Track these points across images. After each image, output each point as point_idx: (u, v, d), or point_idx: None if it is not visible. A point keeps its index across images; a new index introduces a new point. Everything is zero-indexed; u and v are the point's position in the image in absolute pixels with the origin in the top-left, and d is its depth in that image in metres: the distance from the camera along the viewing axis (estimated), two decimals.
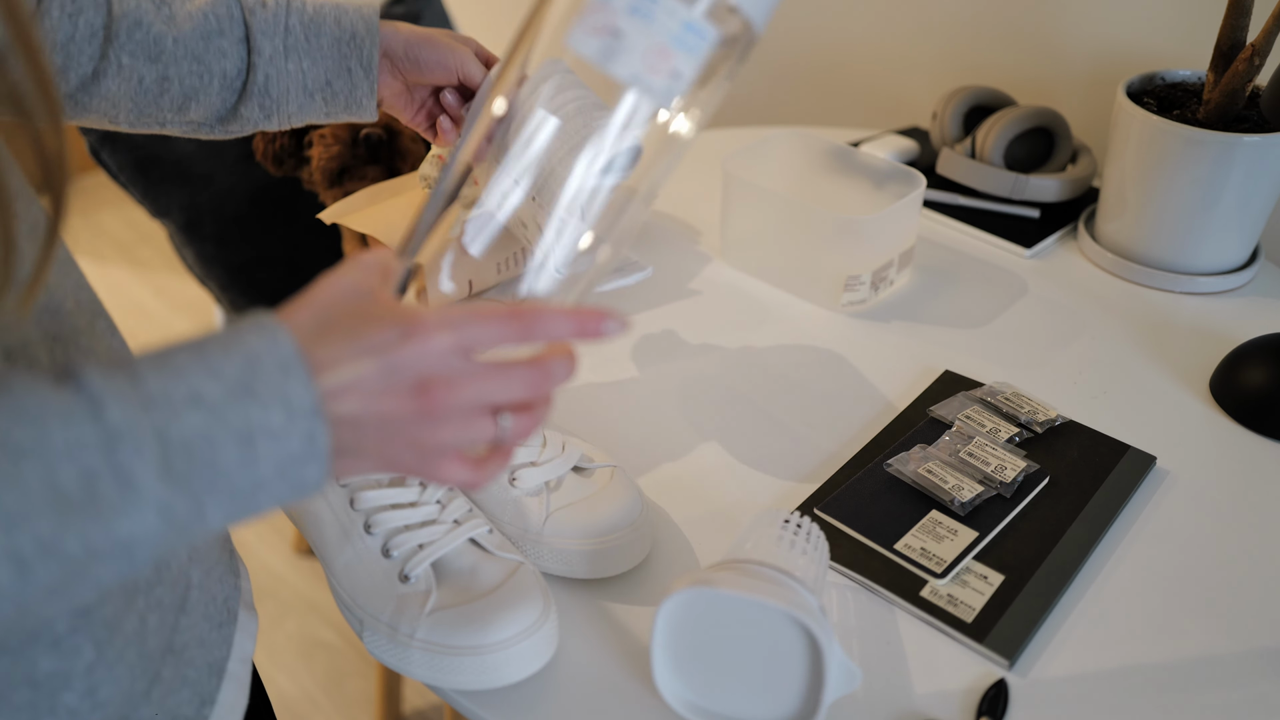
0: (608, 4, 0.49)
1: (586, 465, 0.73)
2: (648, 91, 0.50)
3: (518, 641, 0.61)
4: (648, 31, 0.49)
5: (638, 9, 0.49)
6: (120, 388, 0.38)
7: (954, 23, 1.32)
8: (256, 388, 0.40)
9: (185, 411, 0.38)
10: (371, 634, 0.63)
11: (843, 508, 0.75)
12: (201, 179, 1.43)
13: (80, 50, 0.64)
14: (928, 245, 1.10)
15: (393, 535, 0.66)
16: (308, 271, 1.58)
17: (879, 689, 0.64)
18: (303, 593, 1.70)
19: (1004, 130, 1.13)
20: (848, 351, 0.94)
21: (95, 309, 0.53)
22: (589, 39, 0.49)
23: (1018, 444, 0.81)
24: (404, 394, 0.43)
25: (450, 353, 0.43)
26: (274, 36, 0.69)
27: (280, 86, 0.70)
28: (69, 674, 0.46)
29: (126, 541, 0.38)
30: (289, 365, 0.40)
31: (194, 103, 0.69)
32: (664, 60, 0.50)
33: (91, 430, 0.37)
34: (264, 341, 0.41)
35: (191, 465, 0.38)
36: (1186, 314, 1.00)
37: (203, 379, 0.39)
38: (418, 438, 0.44)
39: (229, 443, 0.39)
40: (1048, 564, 0.71)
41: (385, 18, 1.73)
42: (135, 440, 0.37)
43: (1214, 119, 0.98)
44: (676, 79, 0.50)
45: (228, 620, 0.59)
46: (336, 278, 0.45)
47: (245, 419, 0.39)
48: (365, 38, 0.71)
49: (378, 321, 0.43)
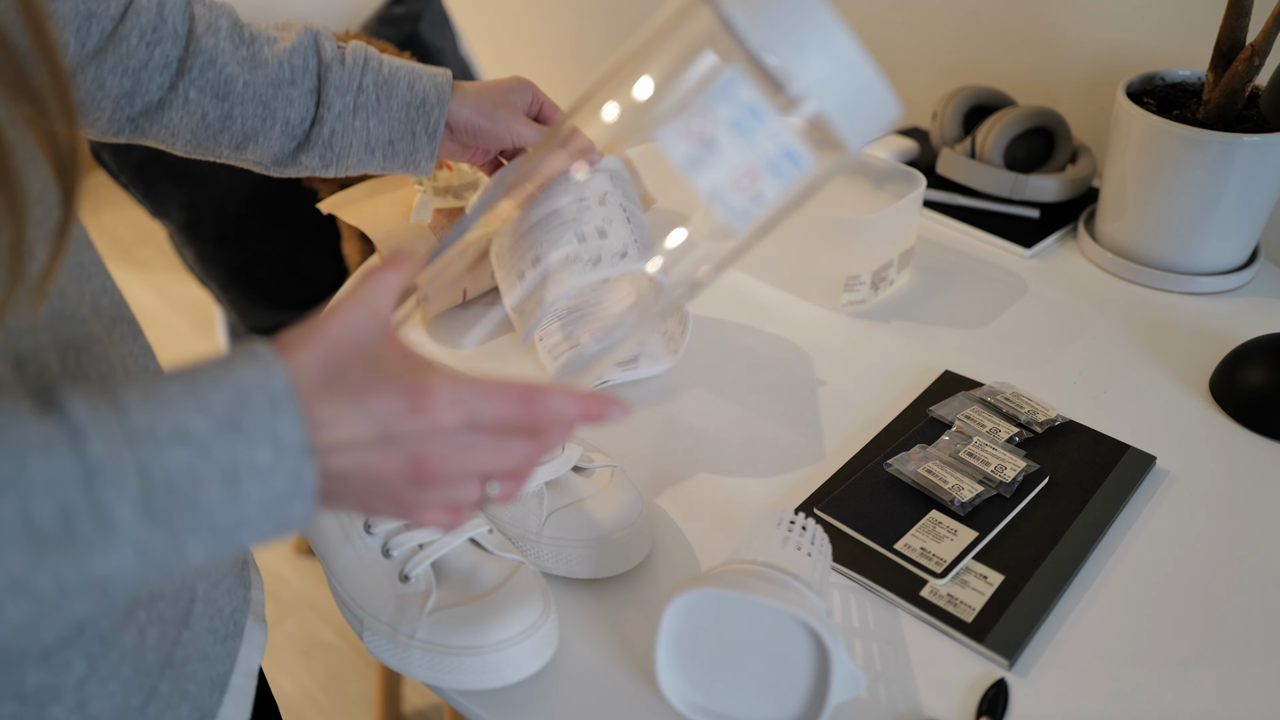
0: (710, 111, 0.46)
1: (586, 465, 0.73)
2: (725, 210, 0.48)
3: (518, 641, 0.61)
4: (744, 149, 0.46)
5: (740, 124, 0.46)
6: (104, 420, 0.37)
7: (954, 23, 1.32)
8: (244, 423, 0.38)
9: (169, 447, 0.37)
10: (371, 634, 0.63)
11: (843, 507, 0.75)
12: (201, 179, 1.43)
13: (151, 78, 0.65)
14: (928, 245, 1.10)
15: (393, 535, 0.66)
16: (308, 271, 1.58)
17: (879, 688, 0.64)
18: (303, 593, 1.70)
19: (1004, 130, 1.13)
20: (848, 351, 0.94)
21: (116, 314, 0.52)
22: (679, 142, 0.46)
23: (1017, 444, 0.81)
24: (399, 463, 0.42)
25: (455, 430, 0.42)
26: (346, 93, 0.70)
27: (344, 141, 0.71)
28: (58, 688, 0.45)
29: (101, 580, 0.37)
30: (279, 400, 0.39)
31: (252, 144, 0.70)
32: (752, 181, 0.47)
33: (71, 464, 0.36)
34: (256, 374, 0.40)
35: (173, 502, 0.37)
36: (1186, 314, 1.00)
37: (190, 413, 0.38)
38: (402, 497, 0.44)
39: (213, 480, 0.38)
40: (1047, 564, 0.71)
41: (385, 18, 1.73)
42: (116, 476, 0.36)
43: (1214, 119, 0.98)
44: (757, 202, 0.47)
45: (233, 633, 0.58)
46: (345, 315, 0.43)
47: (231, 455, 0.38)
48: (435, 106, 0.72)
49: (386, 387, 0.41)
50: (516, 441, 0.44)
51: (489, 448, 0.44)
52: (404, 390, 0.41)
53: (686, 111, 0.46)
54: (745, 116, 0.46)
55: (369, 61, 0.71)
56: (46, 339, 0.44)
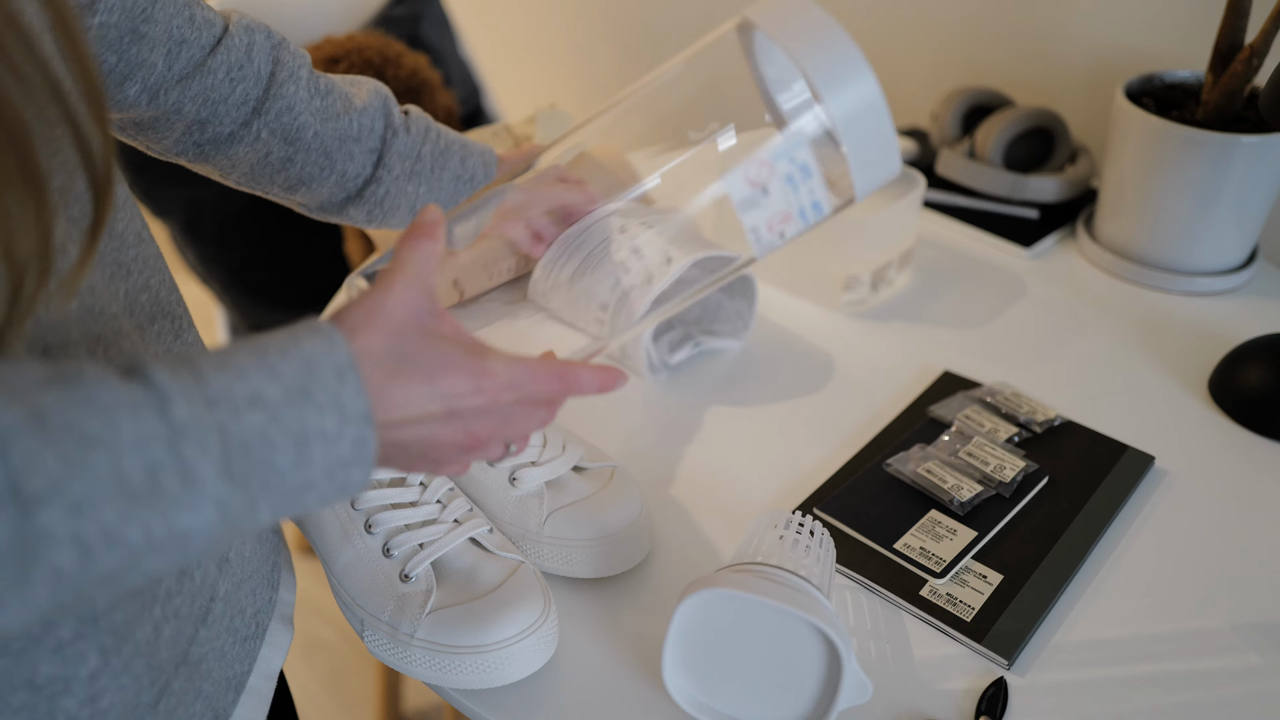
0: (771, 165, 0.54)
1: (586, 465, 0.73)
2: (755, 242, 0.56)
3: (518, 641, 0.61)
4: (788, 199, 0.54)
5: (791, 179, 0.54)
6: (185, 385, 0.39)
7: (954, 23, 1.33)
8: (313, 391, 0.41)
9: (246, 411, 0.40)
10: (372, 633, 0.64)
11: (842, 507, 0.75)
12: (202, 179, 1.42)
13: (228, 112, 0.66)
14: (928, 245, 1.10)
15: (393, 535, 0.66)
16: (309, 271, 1.58)
17: (878, 688, 0.64)
18: (303, 593, 1.71)
19: (1003, 130, 1.13)
20: (848, 351, 0.94)
21: (156, 312, 0.53)
22: (743, 186, 0.54)
23: (1017, 444, 0.81)
24: (457, 435, 0.47)
25: (508, 406, 0.48)
26: (406, 160, 0.72)
27: (394, 202, 0.73)
28: (70, 680, 0.46)
29: (184, 534, 0.39)
30: (344, 372, 0.42)
31: (305, 188, 0.71)
32: (784, 224, 0.55)
33: (158, 424, 0.38)
34: (321, 346, 0.42)
35: (249, 464, 0.40)
36: (1185, 314, 1.00)
37: (263, 380, 0.40)
38: (445, 461, 0.48)
39: (285, 444, 0.41)
40: (1047, 564, 0.71)
41: (385, 18, 1.73)
42: (199, 437, 0.39)
43: (1212, 119, 0.99)
44: (780, 239, 0.56)
45: (254, 634, 0.58)
46: (402, 294, 0.46)
47: (301, 421, 0.41)
48: (481, 182, 0.76)
49: (453, 369, 0.46)
50: (541, 410, 0.50)
51: (524, 417, 0.49)
52: (470, 372, 0.46)
53: (753, 161, 0.54)
54: (797, 173, 0.54)
55: (429, 132, 0.74)
56: (76, 333, 0.45)
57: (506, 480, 0.71)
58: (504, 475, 0.71)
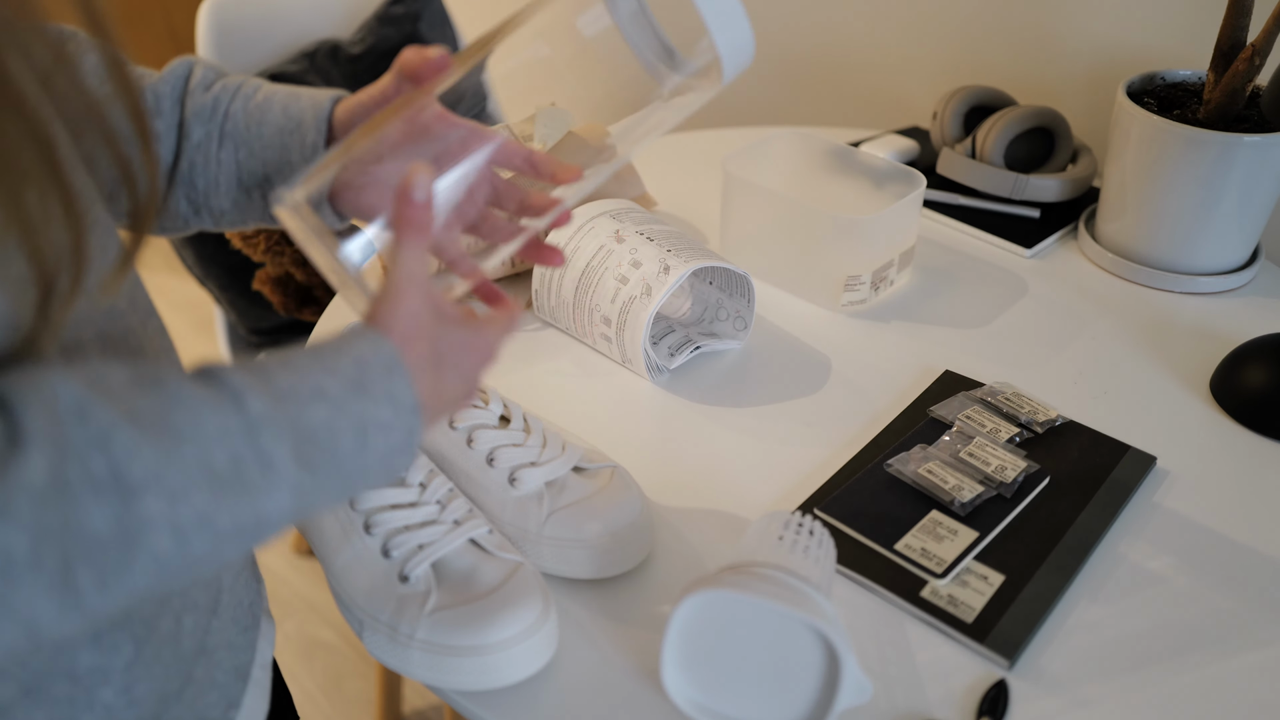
0: None
1: (586, 465, 0.73)
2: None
3: (518, 642, 0.61)
4: None
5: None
6: (255, 383, 0.42)
7: (954, 23, 1.32)
8: (368, 386, 0.45)
9: (311, 404, 0.43)
10: (371, 634, 0.63)
11: (843, 508, 0.75)
12: None
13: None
14: (928, 245, 1.10)
15: (392, 535, 0.66)
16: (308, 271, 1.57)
17: (879, 689, 0.64)
18: (303, 593, 1.70)
19: (1004, 130, 1.13)
20: (848, 352, 0.94)
21: (148, 309, 0.54)
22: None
23: (1018, 444, 0.81)
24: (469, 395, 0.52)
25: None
26: (209, 120, 0.61)
27: (208, 177, 0.61)
28: (108, 670, 0.47)
29: (264, 519, 0.42)
30: (393, 367, 0.46)
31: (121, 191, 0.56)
32: None
33: (236, 418, 0.41)
34: (370, 346, 0.46)
35: (317, 452, 0.43)
36: (1187, 314, 1.00)
37: (323, 376, 0.44)
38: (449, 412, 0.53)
39: (347, 433, 0.44)
40: (1048, 564, 0.71)
41: (385, 18, 1.73)
42: (275, 428, 0.42)
43: (1214, 119, 0.98)
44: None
45: (252, 625, 0.59)
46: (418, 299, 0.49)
47: (360, 413, 0.45)
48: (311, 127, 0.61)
49: (472, 354, 0.51)
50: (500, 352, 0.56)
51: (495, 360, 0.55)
52: (482, 351, 0.52)
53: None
54: None
55: (241, 88, 0.62)
56: (89, 331, 0.46)
57: (506, 481, 0.70)
58: (504, 476, 0.71)
